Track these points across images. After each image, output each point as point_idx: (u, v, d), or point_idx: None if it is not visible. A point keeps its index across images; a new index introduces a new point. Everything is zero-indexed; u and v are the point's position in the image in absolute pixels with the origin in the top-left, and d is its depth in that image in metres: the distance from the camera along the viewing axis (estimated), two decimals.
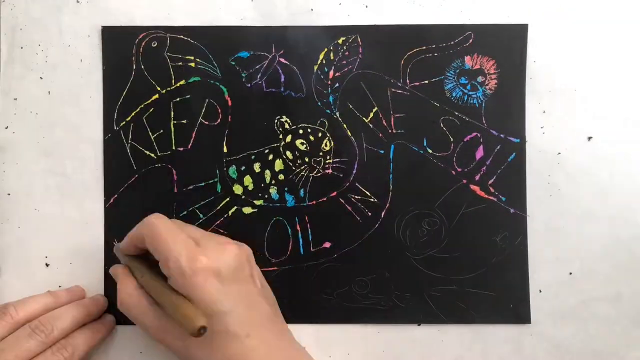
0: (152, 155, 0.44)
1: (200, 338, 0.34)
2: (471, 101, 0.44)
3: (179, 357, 0.37)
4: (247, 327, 0.36)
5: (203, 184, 0.44)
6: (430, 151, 0.44)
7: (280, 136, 0.44)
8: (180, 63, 0.43)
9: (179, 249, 0.36)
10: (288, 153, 0.44)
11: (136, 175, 0.43)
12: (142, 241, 0.37)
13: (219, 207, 0.44)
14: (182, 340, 0.36)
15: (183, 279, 0.35)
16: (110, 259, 0.43)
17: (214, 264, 0.36)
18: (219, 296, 0.35)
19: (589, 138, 0.44)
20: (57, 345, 0.38)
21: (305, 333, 0.43)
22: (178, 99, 0.44)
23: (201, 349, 0.36)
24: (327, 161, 0.44)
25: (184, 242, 0.36)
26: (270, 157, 0.44)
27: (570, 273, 0.43)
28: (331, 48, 0.44)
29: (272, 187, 0.44)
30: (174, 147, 0.44)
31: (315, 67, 0.44)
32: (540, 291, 0.43)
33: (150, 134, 0.44)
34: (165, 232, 0.36)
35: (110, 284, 0.43)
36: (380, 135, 0.44)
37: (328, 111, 0.44)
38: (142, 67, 0.44)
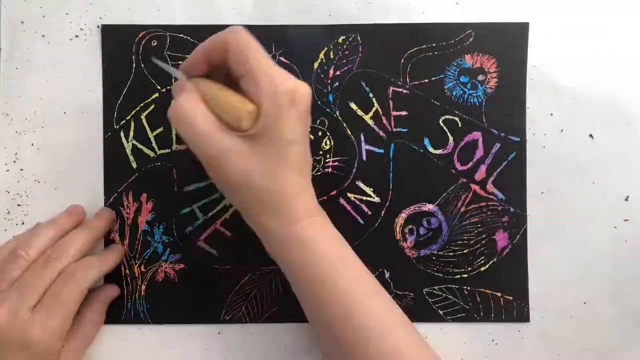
0: (152, 154, 0.44)
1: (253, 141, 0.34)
2: (471, 100, 0.44)
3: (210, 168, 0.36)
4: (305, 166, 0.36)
5: (203, 183, 0.44)
6: (430, 150, 0.44)
7: None
8: (181, 62, 0.43)
9: (271, 64, 0.34)
10: None
11: (136, 174, 0.44)
12: (222, 51, 0.34)
13: (219, 207, 0.44)
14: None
15: (275, 98, 0.34)
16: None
17: (296, 93, 0.35)
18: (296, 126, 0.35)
19: (590, 137, 0.44)
20: (72, 264, 0.39)
21: (305, 333, 0.43)
22: None
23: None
24: (326, 160, 0.44)
25: (270, 61, 0.35)
26: None
27: (570, 273, 0.43)
28: (331, 47, 0.44)
29: None
30: (174, 146, 0.44)
31: (315, 66, 0.44)
32: (539, 290, 0.43)
33: (150, 132, 0.44)
34: (255, 45, 0.34)
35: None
36: (381, 134, 0.44)
37: (328, 110, 0.44)
38: (142, 65, 0.43)
